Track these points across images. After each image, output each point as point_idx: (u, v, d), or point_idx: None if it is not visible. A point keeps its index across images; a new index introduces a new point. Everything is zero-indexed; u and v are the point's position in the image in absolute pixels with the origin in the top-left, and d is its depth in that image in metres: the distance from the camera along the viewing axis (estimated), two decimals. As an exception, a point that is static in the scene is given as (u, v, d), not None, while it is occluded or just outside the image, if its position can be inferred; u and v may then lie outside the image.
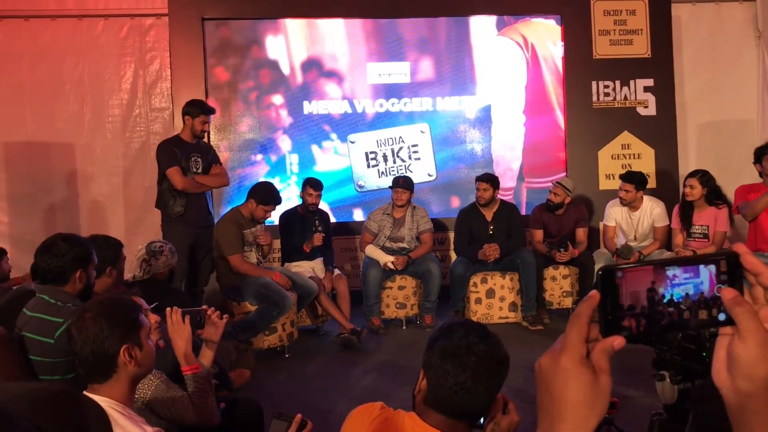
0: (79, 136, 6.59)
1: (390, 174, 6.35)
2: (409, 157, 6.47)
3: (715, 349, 0.69)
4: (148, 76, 6.64)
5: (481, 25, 6.51)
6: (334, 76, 6.42)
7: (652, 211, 5.47)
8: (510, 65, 6.54)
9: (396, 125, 6.46)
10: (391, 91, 6.44)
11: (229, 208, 5.39)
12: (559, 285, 5.57)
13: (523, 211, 6.20)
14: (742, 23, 7.01)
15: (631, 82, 6.45)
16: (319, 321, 5.31)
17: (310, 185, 5.31)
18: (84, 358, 1.76)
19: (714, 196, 5.24)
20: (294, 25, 6.37)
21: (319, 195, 5.34)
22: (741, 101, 7.03)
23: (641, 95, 6.47)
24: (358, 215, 6.42)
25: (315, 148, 6.41)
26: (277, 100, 6.38)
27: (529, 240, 5.70)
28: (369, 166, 6.45)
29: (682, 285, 0.68)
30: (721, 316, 0.68)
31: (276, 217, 5.41)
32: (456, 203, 6.44)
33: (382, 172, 6.44)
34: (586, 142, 6.46)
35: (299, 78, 6.39)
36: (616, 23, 6.47)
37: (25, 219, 6.49)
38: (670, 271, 0.68)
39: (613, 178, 6.27)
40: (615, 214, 5.58)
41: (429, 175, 6.49)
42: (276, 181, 6.00)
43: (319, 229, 5.25)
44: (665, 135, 6.48)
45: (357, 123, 6.43)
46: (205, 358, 2.42)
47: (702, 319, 0.69)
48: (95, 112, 6.60)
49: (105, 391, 1.74)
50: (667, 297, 0.68)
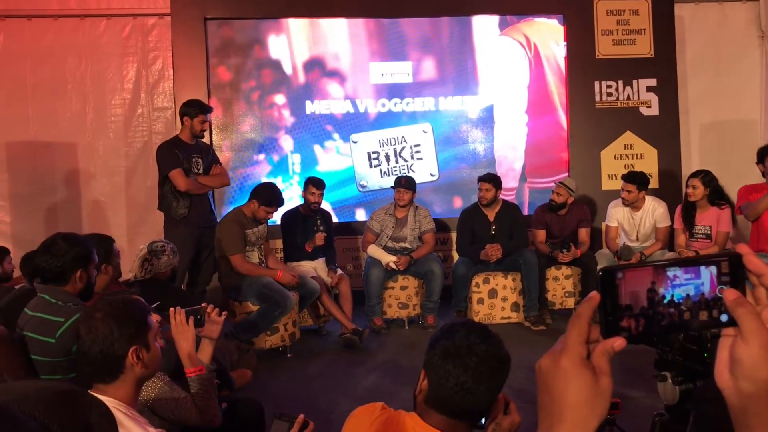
0: (81, 135, 6.60)
1: (392, 174, 6.35)
2: (412, 157, 6.46)
3: (717, 351, 0.69)
4: (151, 75, 6.65)
5: (484, 25, 6.50)
6: (336, 75, 6.41)
7: (654, 212, 5.46)
8: (513, 65, 6.53)
9: (398, 125, 6.45)
10: (394, 90, 6.43)
11: (231, 208, 5.39)
12: (561, 285, 5.56)
13: (525, 212, 6.18)
14: (745, 23, 7.00)
15: (634, 82, 6.44)
16: (321, 321, 5.30)
17: (312, 184, 5.31)
18: (92, 358, 1.76)
19: (716, 196, 5.23)
20: (296, 25, 6.37)
21: (321, 194, 5.34)
22: (744, 101, 7.02)
23: (644, 95, 6.46)
24: (361, 215, 6.42)
25: (317, 148, 6.40)
26: (279, 99, 6.38)
27: (532, 240, 5.69)
28: (371, 166, 6.45)
29: (682, 286, 0.68)
30: (724, 318, 0.68)
31: (278, 217, 5.41)
32: (458, 203, 6.44)
33: (385, 172, 6.44)
34: (588, 142, 6.45)
35: (301, 78, 6.39)
36: (618, 23, 6.45)
37: (27, 218, 6.50)
38: (670, 272, 0.68)
39: (616, 179, 6.26)
40: (617, 215, 5.57)
41: (431, 175, 6.49)
42: (278, 181, 6.00)
43: (321, 228, 5.25)
44: (668, 135, 6.47)
45: (359, 123, 6.43)
46: (205, 354, 2.42)
47: (703, 320, 0.68)
48: (97, 112, 6.61)
49: (110, 392, 1.73)
50: (668, 298, 0.68)
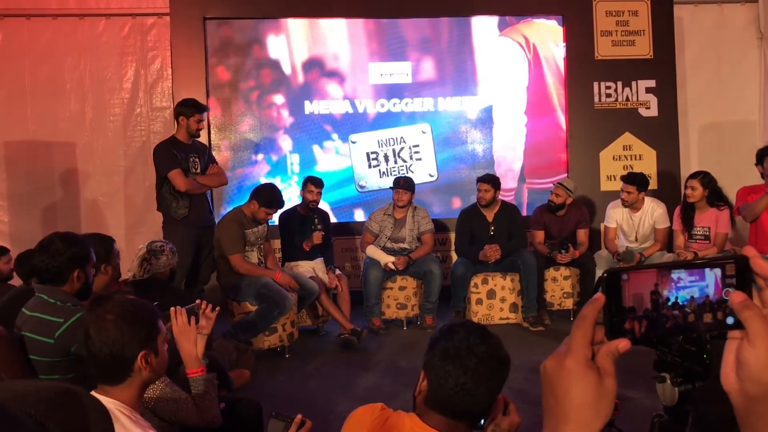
0: (80, 135, 6.59)
1: (391, 174, 6.35)
2: (411, 158, 6.46)
3: (724, 353, 0.69)
4: (150, 75, 6.64)
5: (483, 26, 6.50)
6: (335, 75, 6.41)
7: (653, 213, 5.46)
8: (512, 66, 6.53)
9: (397, 125, 6.45)
10: (393, 91, 6.43)
11: (229, 208, 5.39)
12: (560, 286, 5.56)
13: (524, 212, 6.19)
14: (744, 24, 7.01)
15: (633, 83, 6.45)
16: (319, 321, 5.30)
17: (311, 182, 5.31)
18: (101, 359, 1.74)
19: (715, 197, 5.23)
20: (295, 25, 6.36)
21: (320, 192, 5.34)
22: (743, 102, 7.03)
23: (643, 96, 6.46)
24: (359, 215, 6.41)
25: (316, 148, 6.40)
26: (278, 99, 6.37)
27: (530, 241, 5.69)
28: (370, 167, 6.45)
29: (687, 288, 0.68)
30: (730, 320, 0.68)
31: (276, 217, 5.41)
32: (457, 204, 6.44)
33: (383, 173, 6.44)
34: (587, 143, 6.46)
35: (300, 78, 6.39)
36: (618, 24, 6.46)
37: (26, 218, 6.49)
38: (675, 274, 0.68)
39: (615, 180, 6.26)
40: (616, 216, 5.57)
41: (430, 175, 6.49)
42: (277, 181, 6.00)
43: (319, 227, 5.25)
44: (667, 136, 6.48)
45: (358, 123, 6.43)
46: (198, 349, 2.42)
47: (707, 323, 0.68)
48: (96, 111, 6.60)
49: (115, 394, 1.73)
50: (672, 300, 0.67)
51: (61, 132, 6.55)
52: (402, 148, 6.46)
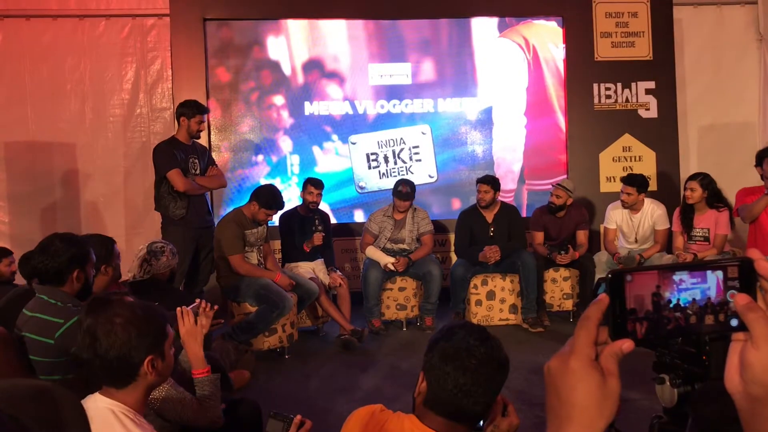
0: (80, 135, 6.59)
1: (391, 175, 6.35)
2: (410, 159, 6.46)
3: (728, 355, 0.69)
4: (150, 76, 6.65)
5: (483, 27, 6.51)
6: (335, 77, 6.42)
7: (652, 214, 5.46)
8: (511, 67, 6.54)
9: (397, 126, 6.46)
10: (393, 92, 6.44)
11: (229, 209, 5.39)
12: (559, 287, 5.56)
13: (523, 213, 6.19)
14: (743, 26, 7.02)
15: (633, 85, 6.45)
16: (319, 322, 5.31)
17: (311, 184, 5.32)
18: (107, 362, 1.73)
19: (715, 199, 5.24)
20: (295, 26, 6.37)
21: (320, 194, 5.35)
22: (742, 104, 7.04)
23: (642, 98, 6.47)
24: (359, 216, 6.42)
25: (316, 149, 6.41)
26: (278, 100, 6.38)
27: (530, 242, 5.69)
28: (370, 168, 6.45)
29: (689, 290, 0.68)
30: (734, 322, 0.68)
31: (276, 218, 5.41)
32: (457, 205, 6.44)
33: (383, 174, 6.44)
34: (587, 145, 6.46)
35: (300, 79, 6.39)
36: (617, 25, 6.47)
37: (26, 218, 6.50)
38: (677, 276, 0.68)
39: (614, 181, 6.27)
40: (616, 217, 5.57)
41: (430, 176, 6.49)
42: (277, 182, 6.01)
43: (319, 228, 5.25)
44: (666, 137, 6.48)
45: (358, 124, 6.43)
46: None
47: (709, 324, 0.69)
48: (96, 112, 6.61)
49: (119, 397, 1.72)
50: (674, 302, 0.68)
51: (61, 133, 6.55)
52: (402, 149, 6.46)
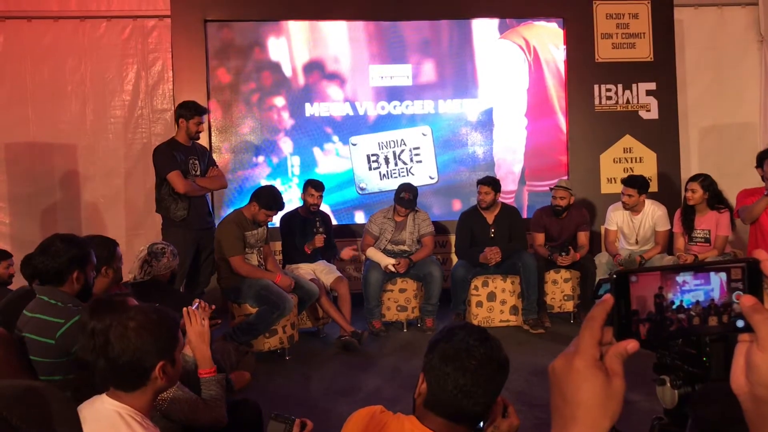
0: (80, 137, 6.60)
1: (391, 177, 6.35)
2: (411, 160, 6.46)
3: (734, 356, 0.69)
4: (150, 77, 6.65)
5: (484, 28, 6.51)
6: (336, 78, 6.42)
7: (653, 215, 5.46)
8: (512, 68, 6.54)
9: (398, 128, 6.46)
10: (393, 93, 6.44)
11: (229, 210, 5.39)
12: (560, 288, 5.56)
13: (524, 215, 6.19)
14: (744, 27, 7.02)
15: (634, 86, 6.45)
16: (319, 323, 5.31)
17: (312, 186, 5.32)
18: (119, 366, 1.73)
19: (715, 200, 5.23)
20: (296, 27, 6.37)
21: (321, 196, 5.35)
22: (743, 105, 7.04)
23: (643, 99, 6.47)
24: (360, 217, 6.42)
25: (316, 150, 6.41)
26: (278, 102, 6.38)
27: (531, 243, 5.69)
28: (370, 169, 6.45)
29: (692, 291, 0.68)
30: (740, 323, 0.68)
31: (277, 220, 5.41)
32: (457, 206, 6.44)
33: (384, 175, 6.44)
34: (588, 146, 6.46)
35: (301, 80, 6.39)
36: (618, 27, 6.47)
37: (26, 220, 6.50)
38: (680, 278, 0.68)
39: (615, 182, 6.26)
40: (616, 218, 5.57)
41: (430, 177, 6.49)
42: (277, 183, 6.01)
43: (320, 230, 5.25)
44: (667, 139, 6.48)
45: (359, 125, 6.43)
46: None
47: (712, 326, 0.68)
48: (97, 114, 6.61)
49: (127, 400, 1.72)
50: (677, 303, 0.68)
51: (62, 134, 6.56)
52: (402, 151, 6.46)
